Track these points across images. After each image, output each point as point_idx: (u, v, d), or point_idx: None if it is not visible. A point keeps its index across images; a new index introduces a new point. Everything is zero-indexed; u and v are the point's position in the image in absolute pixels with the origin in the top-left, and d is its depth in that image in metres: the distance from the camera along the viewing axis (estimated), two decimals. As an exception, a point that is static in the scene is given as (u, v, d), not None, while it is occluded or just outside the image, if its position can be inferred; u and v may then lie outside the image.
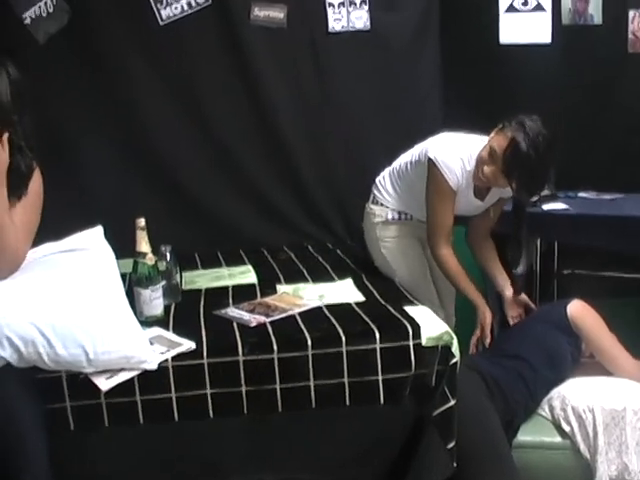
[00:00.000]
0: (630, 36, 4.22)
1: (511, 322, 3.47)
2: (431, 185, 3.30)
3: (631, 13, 4.20)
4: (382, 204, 3.56)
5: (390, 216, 3.55)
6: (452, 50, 4.40)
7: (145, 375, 2.53)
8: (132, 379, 2.52)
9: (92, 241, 2.76)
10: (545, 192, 4.13)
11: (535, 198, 3.41)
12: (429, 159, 3.26)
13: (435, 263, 3.50)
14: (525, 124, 3.06)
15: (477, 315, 3.33)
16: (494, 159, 3.12)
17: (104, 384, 2.48)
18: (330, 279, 3.42)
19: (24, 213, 2.55)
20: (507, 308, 3.51)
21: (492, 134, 3.18)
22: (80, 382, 2.48)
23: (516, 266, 3.41)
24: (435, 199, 3.32)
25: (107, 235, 2.84)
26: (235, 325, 2.80)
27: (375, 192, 3.59)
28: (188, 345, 2.62)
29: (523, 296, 3.50)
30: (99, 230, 2.82)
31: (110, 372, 2.50)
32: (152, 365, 2.53)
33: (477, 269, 3.76)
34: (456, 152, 3.26)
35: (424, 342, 2.67)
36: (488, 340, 3.29)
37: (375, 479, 2.73)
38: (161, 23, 4.05)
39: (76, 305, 2.48)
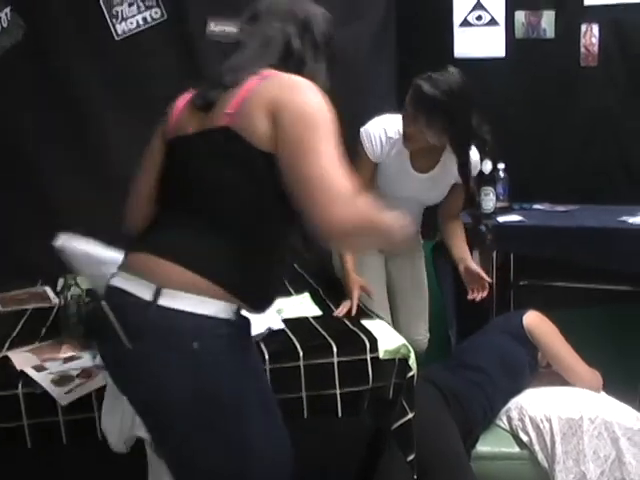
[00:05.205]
0: (582, 50, 4.29)
1: (470, 294, 3.43)
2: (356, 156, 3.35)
3: (583, 27, 4.27)
4: None
5: None
6: (408, 64, 4.42)
7: (102, 391, 2.50)
8: (90, 394, 2.50)
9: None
10: (501, 204, 4.22)
11: (473, 155, 3.33)
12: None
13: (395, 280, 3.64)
14: (430, 74, 3.15)
15: None
16: (406, 111, 3.18)
17: (63, 399, 2.47)
18: (287, 293, 3.40)
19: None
20: (466, 281, 3.48)
21: None
22: (37, 399, 2.46)
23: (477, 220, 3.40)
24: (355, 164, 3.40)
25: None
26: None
27: None
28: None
29: (474, 267, 3.45)
30: None
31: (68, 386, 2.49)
32: None
33: (437, 291, 3.80)
34: (380, 123, 3.37)
35: (381, 355, 2.68)
36: None
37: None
38: (117, 38, 4.03)
39: None
